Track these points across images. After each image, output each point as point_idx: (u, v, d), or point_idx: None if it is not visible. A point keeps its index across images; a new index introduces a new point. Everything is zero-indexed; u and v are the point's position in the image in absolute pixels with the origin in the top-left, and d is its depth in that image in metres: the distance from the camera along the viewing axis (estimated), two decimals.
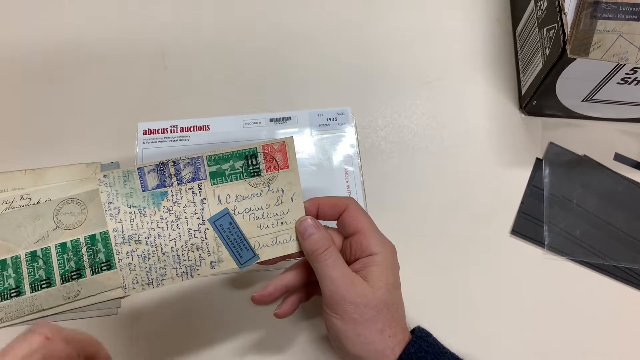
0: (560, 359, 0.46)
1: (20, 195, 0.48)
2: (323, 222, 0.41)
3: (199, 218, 0.38)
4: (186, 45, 0.57)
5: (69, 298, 0.45)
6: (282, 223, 0.40)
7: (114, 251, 0.37)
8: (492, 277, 0.49)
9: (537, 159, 0.53)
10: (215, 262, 0.39)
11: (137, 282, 0.38)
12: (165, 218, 0.38)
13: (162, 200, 0.38)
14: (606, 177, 0.52)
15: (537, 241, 0.50)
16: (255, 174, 0.39)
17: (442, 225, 0.50)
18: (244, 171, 0.39)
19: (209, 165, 0.38)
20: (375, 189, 0.51)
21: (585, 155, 0.53)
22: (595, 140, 0.54)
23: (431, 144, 0.54)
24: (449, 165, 0.53)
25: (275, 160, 0.39)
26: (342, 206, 0.40)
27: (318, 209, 0.40)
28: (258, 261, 0.39)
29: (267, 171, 0.39)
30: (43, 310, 0.45)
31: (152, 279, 0.38)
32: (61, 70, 0.55)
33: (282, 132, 0.52)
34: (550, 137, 0.54)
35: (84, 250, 0.46)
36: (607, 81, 0.47)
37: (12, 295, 0.45)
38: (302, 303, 0.42)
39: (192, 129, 0.52)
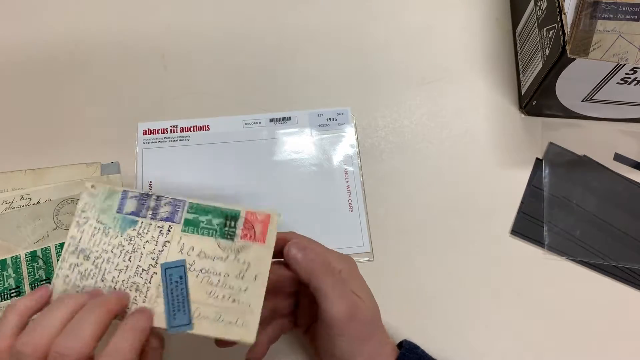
0: (560, 359, 0.46)
1: (20, 195, 0.48)
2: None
3: (153, 259, 0.36)
4: (186, 45, 0.57)
5: None
6: (234, 300, 0.35)
7: (61, 257, 0.36)
8: (492, 277, 0.49)
9: (537, 159, 0.53)
10: None
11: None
12: (123, 246, 0.36)
13: (129, 228, 0.36)
14: (606, 177, 0.52)
15: (537, 241, 0.50)
16: (229, 236, 0.36)
17: (442, 225, 0.50)
18: (218, 229, 0.37)
19: (188, 212, 0.37)
20: (375, 189, 0.51)
21: (585, 155, 0.53)
22: (595, 140, 0.54)
23: (431, 144, 0.54)
24: (449, 165, 0.53)
25: (254, 230, 0.37)
26: (282, 243, 0.37)
27: None
28: (189, 331, 0.35)
29: (241, 238, 0.36)
30: None
31: None
32: (61, 70, 0.55)
33: (282, 132, 0.52)
34: (550, 137, 0.54)
35: None
36: (607, 81, 0.47)
37: (12, 295, 0.45)
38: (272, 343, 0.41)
39: (192, 129, 0.52)
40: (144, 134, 0.51)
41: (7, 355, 0.30)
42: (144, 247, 0.36)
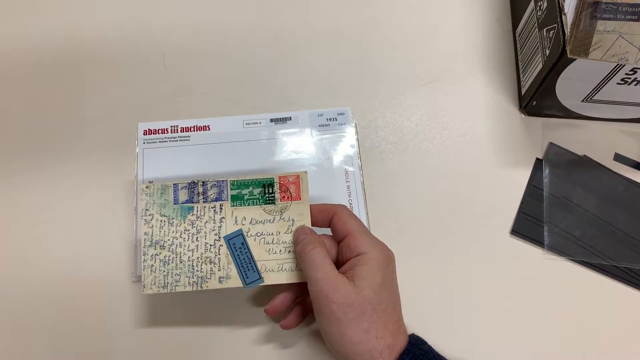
0: (560, 359, 0.46)
1: None
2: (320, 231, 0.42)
3: (216, 234, 0.42)
4: (186, 46, 0.57)
5: None
6: (289, 252, 0.42)
7: (142, 252, 0.42)
8: (492, 277, 0.49)
9: (537, 159, 0.53)
10: (223, 277, 0.42)
11: (154, 284, 0.41)
12: (188, 230, 0.42)
13: (188, 214, 0.42)
14: (606, 177, 0.52)
15: (537, 241, 0.50)
16: (270, 201, 0.42)
17: (442, 225, 0.50)
18: (260, 198, 0.43)
19: (231, 189, 0.43)
20: (375, 189, 0.51)
21: (585, 156, 0.53)
22: (595, 141, 0.54)
23: (431, 144, 0.54)
24: (449, 166, 0.53)
25: (289, 192, 0.43)
26: (330, 212, 0.41)
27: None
28: (262, 284, 0.41)
29: (281, 200, 0.42)
30: None
31: (168, 283, 0.41)
32: (61, 70, 0.55)
33: (283, 132, 0.52)
34: (550, 137, 0.54)
35: None
36: (607, 81, 0.47)
37: None
38: (309, 315, 0.43)
39: (192, 129, 0.52)
40: (144, 134, 0.51)
41: None
42: (205, 227, 0.42)
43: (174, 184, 0.43)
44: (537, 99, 0.52)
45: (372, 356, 0.36)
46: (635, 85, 0.47)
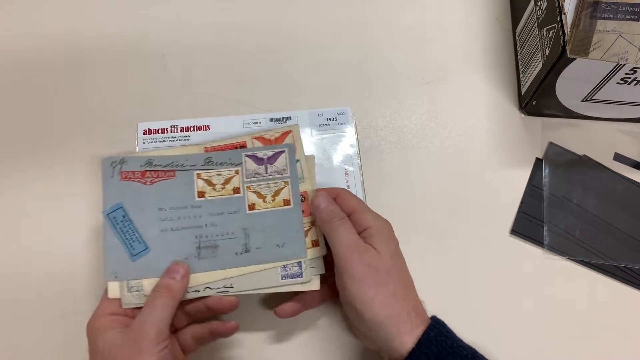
0: (560, 359, 0.46)
1: None
2: None
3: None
4: (186, 46, 0.57)
5: None
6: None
7: None
8: (492, 277, 0.49)
9: (537, 159, 0.53)
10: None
11: None
12: None
13: None
14: (606, 177, 0.52)
15: (537, 241, 0.50)
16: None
17: (442, 225, 0.50)
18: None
19: None
20: (375, 188, 0.51)
21: (585, 155, 0.53)
22: (595, 140, 0.54)
23: (431, 144, 0.54)
24: (449, 165, 0.53)
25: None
26: (333, 194, 0.43)
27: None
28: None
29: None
30: None
31: None
32: (61, 70, 0.55)
33: None
34: (550, 137, 0.54)
35: None
36: (607, 81, 0.47)
37: None
38: (306, 310, 0.44)
39: (192, 129, 0.52)
40: (144, 134, 0.51)
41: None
42: None
43: None
44: (537, 99, 0.52)
45: (401, 318, 0.38)
46: (635, 84, 0.47)
